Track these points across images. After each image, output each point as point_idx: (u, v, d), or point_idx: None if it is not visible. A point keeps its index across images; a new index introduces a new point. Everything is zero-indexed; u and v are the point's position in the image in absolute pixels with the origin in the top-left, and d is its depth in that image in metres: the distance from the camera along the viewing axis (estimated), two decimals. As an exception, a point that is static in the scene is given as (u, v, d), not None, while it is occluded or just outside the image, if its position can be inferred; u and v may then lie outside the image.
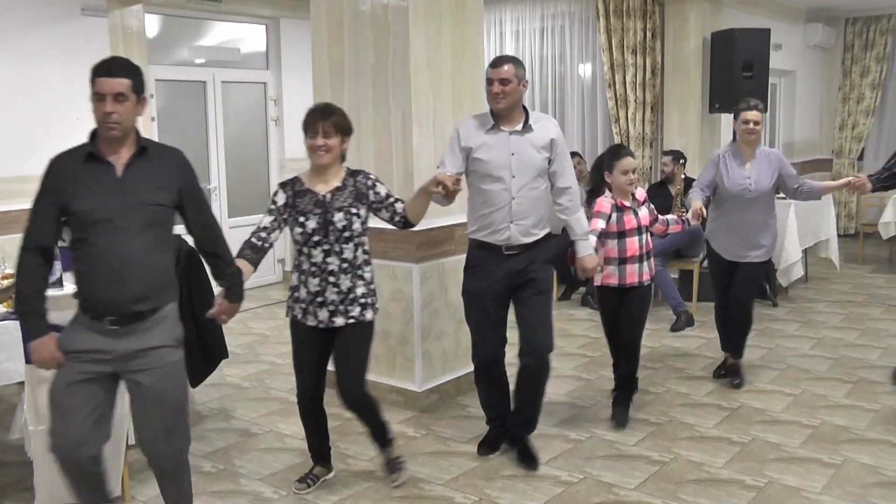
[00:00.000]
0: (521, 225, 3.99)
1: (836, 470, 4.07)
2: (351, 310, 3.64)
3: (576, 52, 8.93)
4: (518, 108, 4.00)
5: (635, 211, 4.60)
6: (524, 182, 3.96)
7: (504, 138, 3.97)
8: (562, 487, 3.94)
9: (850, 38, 11.05)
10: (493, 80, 3.93)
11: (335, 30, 4.97)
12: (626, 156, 4.59)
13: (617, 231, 4.54)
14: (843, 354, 5.98)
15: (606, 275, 4.59)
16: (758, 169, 5.05)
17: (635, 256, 4.57)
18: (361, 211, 3.64)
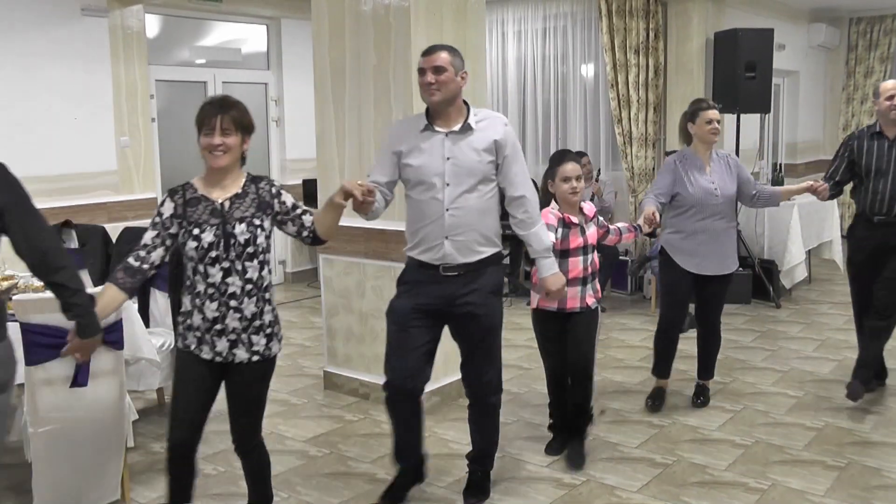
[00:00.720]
0: (457, 241, 3.46)
1: (840, 472, 4.07)
2: (255, 341, 3.10)
3: (578, 53, 8.93)
4: (456, 104, 3.48)
5: (583, 228, 4.09)
6: (461, 190, 3.44)
7: (438, 140, 3.46)
8: (564, 490, 3.93)
9: (853, 38, 11.05)
10: (424, 69, 3.43)
11: (336, 30, 4.97)
12: (568, 160, 4.06)
13: (560, 249, 4.00)
14: (847, 356, 5.97)
15: (543, 298, 4.07)
16: (718, 173, 4.73)
17: (578, 279, 4.05)
18: (266, 223, 3.11)
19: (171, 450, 3.15)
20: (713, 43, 8.06)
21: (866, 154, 4.84)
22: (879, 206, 4.79)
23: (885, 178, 4.76)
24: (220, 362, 3.10)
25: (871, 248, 4.86)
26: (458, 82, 3.45)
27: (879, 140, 4.82)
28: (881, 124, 4.83)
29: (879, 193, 4.78)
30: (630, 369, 5.76)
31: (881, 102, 4.78)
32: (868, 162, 4.82)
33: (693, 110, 4.75)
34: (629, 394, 5.25)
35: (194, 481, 3.27)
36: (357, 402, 5.14)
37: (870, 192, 4.82)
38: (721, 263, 4.76)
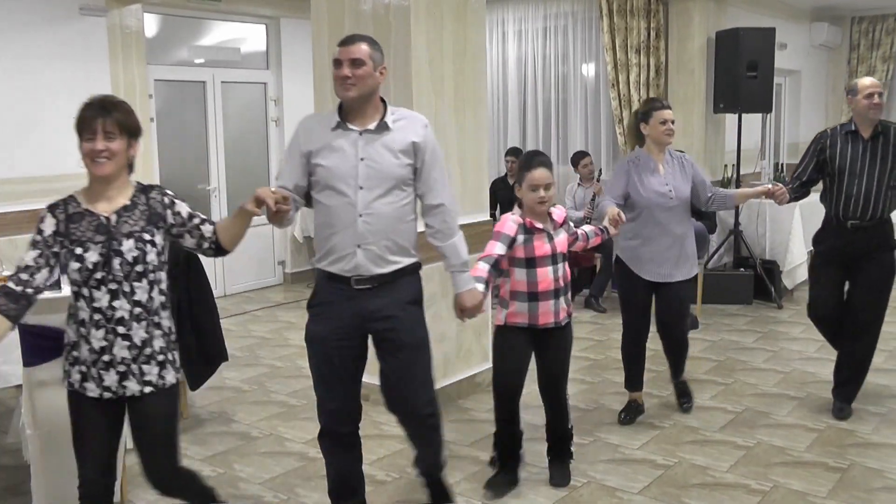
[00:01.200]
0: (370, 250, 3.17)
1: (842, 474, 4.07)
2: (147, 371, 2.80)
3: (579, 52, 8.93)
4: (373, 101, 3.21)
5: (550, 235, 3.75)
6: (375, 195, 3.16)
7: (352, 139, 3.18)
8: (565, 492, 3.93)
9: (855, 38, 11.04)
10: (340, 60, 3.15)
11: (336, 29, 4.97)
12: (539, 166, 3.67)
13: (525, 258, 3.70)
14: (849, 357, 5.97)
15: (512, 312, 3.77)
16: (672, 175, 4.54)
17: (549, 291, 3.72)
18: (157, 237, 2.80)
19: (83, 488, 2.90)
20: (714, 42, 8.06)
21: (840, 154, 4.61)
22: (854, 210, 4.59)
23: (860, 179, 4.56)
24: (111, 398, 2.80)
25: (845, 254, 4.68)
26: (377, 78, 3.19)
27: (854, 140, 4.60)
28: (857, 123, 4.61)
29: (853, 196, 4.58)
30: (631, 370, 5.76)
31: (859, 101, 4.55)
32: (842, 163, 4.61)
33: (646, 110, 4.56)
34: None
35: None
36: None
37: (843, 195, 4.61)
38: (678, 269, 4.58)
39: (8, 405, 5.13)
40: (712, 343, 6.39)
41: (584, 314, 7.47)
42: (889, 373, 5.57)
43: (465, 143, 5.04)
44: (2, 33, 6.48)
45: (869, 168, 4.56)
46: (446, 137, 4.91)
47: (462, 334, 5.15)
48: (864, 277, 4.67)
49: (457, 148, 4.99)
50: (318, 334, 3.29)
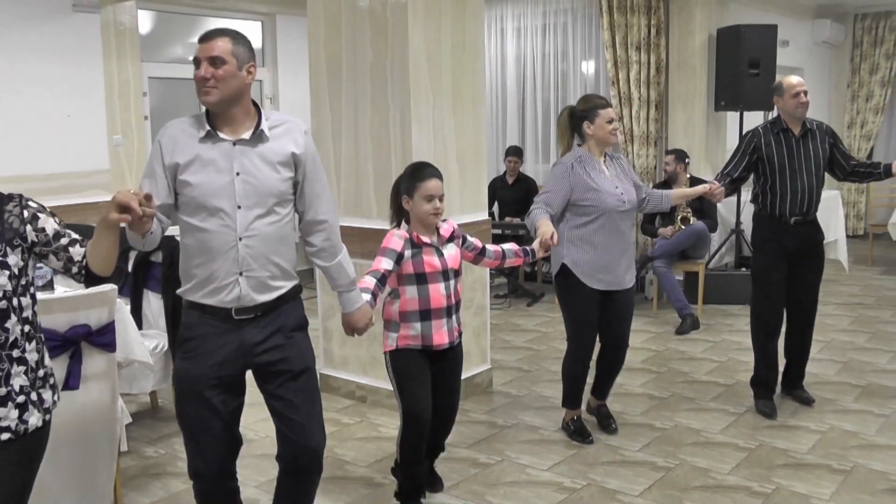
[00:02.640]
0: (254, 277, 2.85)
1: (846, 476, 4.07)
2: (1, 415, 2.33)
3: (579, 49, 8.94)
4: (243, 104, 2.84)
5: (439, 249, 3.59)
6: (256, 214, 2.82)
7: (225, 150, 2.81)
8: (565, 494, 3.93)
9: (859, 35, 11.06)
10: (200, 59, 2.79)
11: (332, 26, 4.97)
12: (432, 177, 3.52)
13: (415, 274, 3.54)
14: (853, 358, 5.98)
15: (404, 335, 3.58)
16: (618, 177, 4.38)
17: (441, 309, 3.57)
18: (10, 258, 2.35)
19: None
20: (716, 39, 8.07)
21: (776, 153, 4.69)
22: (798, 207, 4.69)
23: (800, 176, 4.67)
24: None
25: (789, 252, 4.74)
26: (243, 77, 2.82)
27: (787, 137, 4.71)
28: (786, 121, 4.73)
29: (798, 193, 4.68)
30: (631, 371, 5.76)
31: (786, 100, 4.69)
32: (780, 161, 4.68)
33: (589, 108, 4.34)
34: (630, 396, 5.25)
35: None
36: (354, 404, 5.14)
37: (787, 193, 4.68)
38: (627, 275, 4.42)
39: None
40: (713, 344, 6.39)
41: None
42: (893, 373, 5.57)
43: (463, 141, 5.05)
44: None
45: (806, 164, 4.70)
46: (444, 135, 4.91)
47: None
48: (809, 274, 4.84)
49: (455, 146, 4.99)
50: (192, 373, 2.90)
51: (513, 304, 7.85)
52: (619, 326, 4.49)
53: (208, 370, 2.88)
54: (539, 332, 6.84)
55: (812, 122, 4.81)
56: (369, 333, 5.01)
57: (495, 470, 4.21)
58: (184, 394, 2.97)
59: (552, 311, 7.55)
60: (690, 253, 7.27)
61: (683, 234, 7.01)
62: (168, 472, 4.24)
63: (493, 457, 4.36)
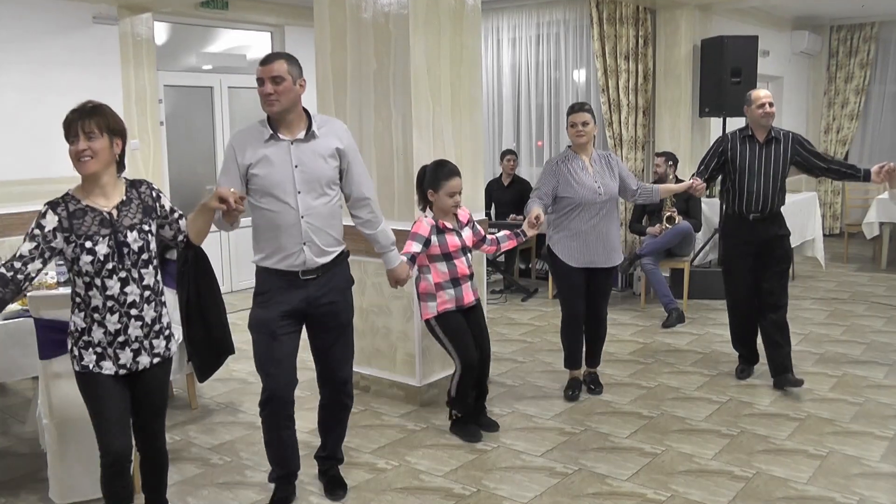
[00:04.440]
0: (315, 246, 3.42)
1: (822, 461, 4.08)
2: (156, 345, 3.03)
3: (570, 59, 8.92)
4: (297, 111, 3.40)
5: (458, 232, 4.28)
6: (312, 197, 3.39)
7: (284, 149, 3.36)
8: (557, 479, 3.94)
9: (834, 45, 11.06)
10: (263, 79, 3.32)
11: (338, 37, 4.97)
12: (454, 175, 4.17)
13: (442, 253, 4.21)
14: (828, 350, 5.99)
15: (443, 301, 4.25)
16: (601, 173, 4.81)
17: (466, 275, 4.29)
18: (153, 227, 2.98)
19: (108, 458, 2.96)
20: (700, 49, 8.06)
21: (739, 156, 5.00)
22: (755, 205, 4.98)
23: (758, 178, 4.96)
24: (125, 374, 2.97)
25: (751, 244, 5.03)
26: (297, 90, 3.36)
27: (751, 143, 5.00)
28: (753, 129, 5.02)
29: (754, 193, 4.97)
30: (621, 363, 5.77)
31: (753, 110, 4.98)
32: (741, 164, 4.99)
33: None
34: (619, 386, 5.26)
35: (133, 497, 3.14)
36: (358, 394, 5.12)
37: (745, 192, 4.99)
38: (606, 257, 4.84)
39: (26, 396, 5.13)
40: (698, 336, 6.40)
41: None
42: (866, 364, 5.58)
43: (461, 145, 5.05)
44: (18, 41, 6.48)
45: (765, 168, 4.98)
46: (444, 140, 4.91)
47: (459, 328, 5.15)
48: (772, 263, 5.04)
49: (454, 150, 4.99)
50: (264, 317, 3.44)
51: (508, 299, 7.85)
52: (595, 300, 4.95)
53: (277, 315, 3.42)
54: (533, 326, 6.85)
55: (779, 132, 5.06)
56: (372, 327, 5.04)
57: (491, 456, 4.22)
58: (261, 334, 3.46)
59: (545, 306, 7.56)
60: (676, 251, 7.28)
61: (670, 233, 7.02)
62: (183, 457, 4.24)
63: (489, 443, 4.37)
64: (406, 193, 4.77)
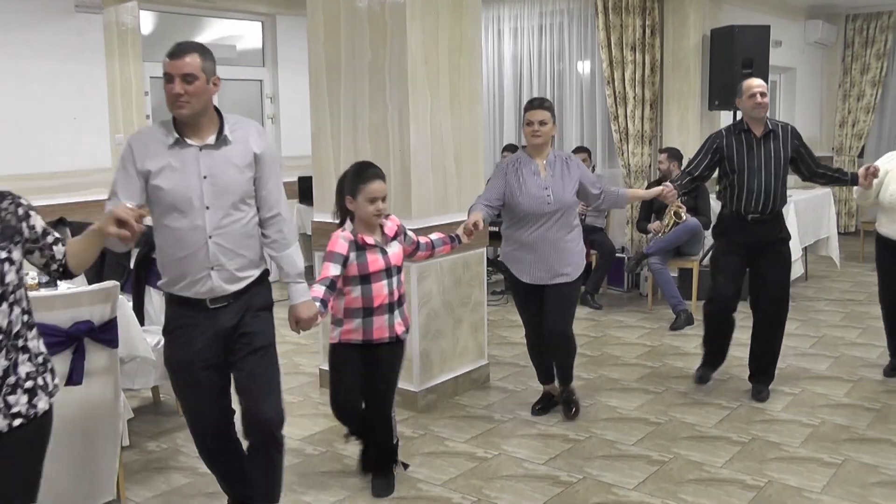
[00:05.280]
0: (225, 271, 3.07)
1: (837, 469, 4.08)
2: (12, 402, 2.36)
3: (574, 50, 8.93)
4: (208, 113, 3.02)
5: (383, 249, 3.70)
6: (224, 213, 3.02)
7: (192, 156, 2.99)
8: (561, 487, 3.93)
9: (850, 35, 11.06)
10: (172, 75, 2.92)
11: (331, 27, 4.97)
12: (376, 178, 3.61)
13: (360, 275, 3.64)
14: (844, 353, 5.99)
15: (347, 329, 3.72)
16: (554, 178, 4.46)
17: (384, 305, 3.69)
18: (15, 253, 2.38)
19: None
20: (709, 39, 8.06)
21: (737, 153, 4.85)
22: (755, 205, 4.84)
23: (759, 176, 4.81)
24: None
25: (746, 246, 4.91)
26: (211, 90, 3.00)
27: (748, 138, 4.85)
28: (748, 122, 4.87)
29: (755, 192, 4.83)
30: (627, 366, 5.77)
31: (744, 101, 4.82)
32: (739, 161, 4.84)
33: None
34: (626, 391, 5.26)
35: None
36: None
37: (745, 191, 4.84)
38: (557, 272, 4.51)
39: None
40: (707, 339, 6.40)
41: (580, 311, 7.45)
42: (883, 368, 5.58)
43: (460, 140, 5.04)
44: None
45: (766, 164, 4.82)
46: (442, 134, 4.91)
47: (458, 331, 5.15)
48: (768, 271, 4.93)
49: (452, 145, 4.99)
50: (180, 359, 3.18)
51: (509, 300, 7.84)
52: (551, 319, 4.59)
53: (193, 356, 3.14)
54: (535, 328, 6.84)
55: (776, 124, 4.91)
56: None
57: (492, 464, 4.21)
58: (177, 378, 3.25)
59: (548, 308, 7.55)
60: (685, 250, 7.27)
61: (678, 230, 7.01)
62: (170, 466, 4.23)
63: (490, 451, 4.36)
64: (402, 191, 4.76)
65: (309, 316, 3.33)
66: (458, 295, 5.11)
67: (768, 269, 4.94)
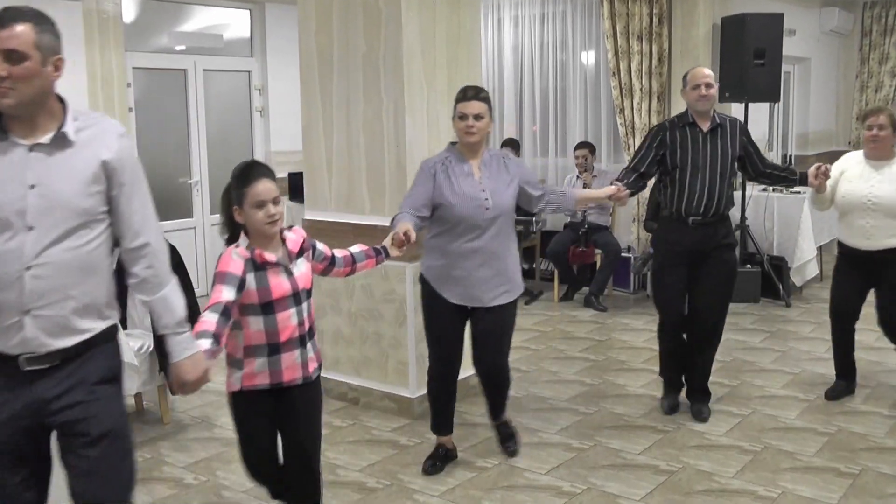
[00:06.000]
0: (44, 316, 2.37)
1: (854, 480, 4.08)
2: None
3: (578, 39, 8.93)
4: (46, 105, 2.40)
5: (287, 269, 3.11)
6: (52, 238, 2.36)
7: (17, 158, 2.36)
8: (564, 499, 3.94)
9: (867, 24, 11.07)
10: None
11: (323, 15, 4.97)
12: (259, 178, 3.02)
13: (260, 303, 3.04)
14: (861, 358, 5.96)
15: (250, 373, 3.12)
16: (490, 178, 3.97)
17: (294, 339, 3.13)
18: None
19: None
20: (720, 28, 8.06)
21: (680, 148, 4.59)
22: (697, 206, 4.58)
23: (703, 173, 4.57)
24: None
25: (686, 253, 4.66)
26: (49, 74, 2.39)
27: (693, 132, 4.61)
28: (693, 115, 4.63)
29: (696, 192, 4.57)
30: (633, 372, 5.78)
31: (688, 92, 4.60)
32: (683, 156, 4.59)
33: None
34: (632, 397, 5.26)
35: None
36: (345, 406, 5.14)
37: (686, 191, 4.59)
38: (494, 292, 4.00)
39: None
40: (718, 343, 6.40)
41: (584, 313, 7.47)
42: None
43: (459, 134, 5.04)
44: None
45: (711, 162, 4.59)
46: (439, 129, 4.91)
47: (456, 335, 5.15)
48: (707, 279, 4.67)
49: (450, 139, 4.98)
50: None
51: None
52: (490, 350, 4.09)
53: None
54: (537, 332, 6.85)
55: (724, 118, 4.70)
56: (360, 333, 5.03)
57: (492, 474, 4.22)
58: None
59: (551, 310, 7.56)
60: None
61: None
62: (154, 476, 4.23)
63: (489, 460, 4.37)
64: (398, 187, 4.76)
65: (196, 377, 2.69)
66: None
67: (707, 274, 4.66)
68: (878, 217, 4.75)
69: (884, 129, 4.72)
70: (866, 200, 4.76)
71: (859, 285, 4.97)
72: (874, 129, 4.74)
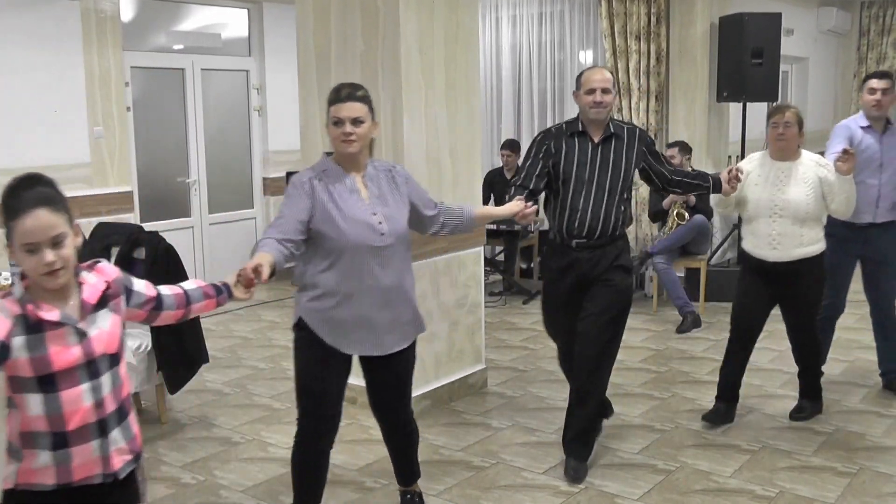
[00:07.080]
0: None
1: (852, 479, 4.09)
2: None
3: (576, 39, 8.93)
4: None
5: (77, 329, 2.21)
6: None
7: None
8: (562, 498, 3.94)
9: (865, 23, 11.08)
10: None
11: (321, 14, 4.96)
12: (31, 207, 2.14)
13: (36, 376, 2.16)
14: (859, 357, 6.00)
15: (27, 469, 2.22)
16: (382, 197, 3.30)
17: (88, 426, 2.23)
18: None
19: None
20: (718, 28, 8.07)
21: (565, 159, 4.05)
22: (579, 227, 4.04)
23: (587, 190, 4.03)
24: None
25: (570, 281, 4.12)
26: None
27: (582, 142, 4.07)
28: (584, 122, 4.09)
29: (579, 211, 4.03)
30: (631, 371, 5.78)
31: (581, 96, 4.06)
32: (567, 169, 4.05)
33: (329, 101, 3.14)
34: (630, 397, 5.27)
35: None
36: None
37: (567, 209, 4.05)
38: (395, 334, 3.35)
39: None
40: (715, 343, 6.40)
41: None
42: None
43: (456, 133, 5.04)
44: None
45: (599, 177, 4.04)
46: (437, 129, 4.91)
47: (454, 334, 5.15)
48: (592, 305, 4.05)
49: (448, 139, 4.99)
50: None
51: (508, 301, 7.86)
52: (388, 402, 3.55)
53: None
54: (535, 331, 6.85)
55: (620, 126, 4.14)
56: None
57: (490, 473, 4.22)
58: None
59: (549, 309, 7.56)
60: (692, 248, 7.28)
61: (683, 228, 7.03)
62: (152, 477, 4.22)
63: (487, 460, 4.37)
64: (396, 186, 4.75)
65: None
66: (453, 296, 5.11)
67: (591, 299, 4.07)
68: (784, 224, 4.44)
69: (790, 126, 4.46)
70: (773, 205, 4.46)
71: (765, 299, 4.65)
72: (780, 128, 4.44)
